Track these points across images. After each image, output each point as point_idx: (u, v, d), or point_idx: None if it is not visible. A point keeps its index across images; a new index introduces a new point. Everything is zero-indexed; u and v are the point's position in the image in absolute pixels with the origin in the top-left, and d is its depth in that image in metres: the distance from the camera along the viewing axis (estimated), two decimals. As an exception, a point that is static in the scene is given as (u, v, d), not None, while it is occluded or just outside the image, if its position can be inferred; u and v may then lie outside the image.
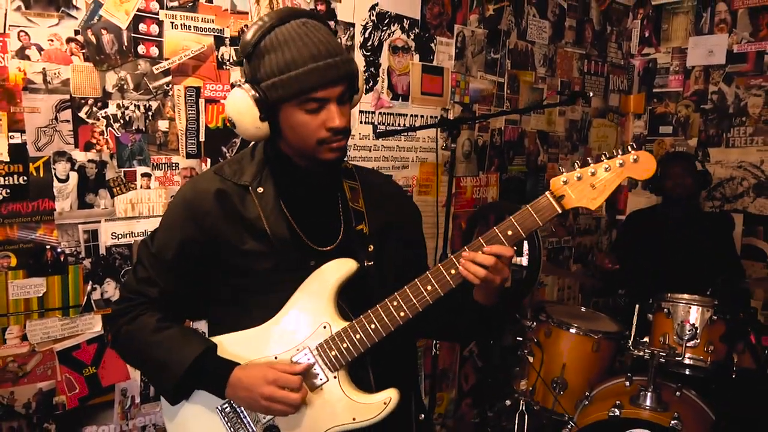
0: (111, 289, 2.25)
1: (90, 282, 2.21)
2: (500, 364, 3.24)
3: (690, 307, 2.56)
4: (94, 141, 2.17)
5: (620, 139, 4.19)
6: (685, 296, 2.60)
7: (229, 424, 1.39)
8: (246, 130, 1.32)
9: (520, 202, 3.57)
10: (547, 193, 1.27)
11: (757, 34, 3.60)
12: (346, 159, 1.51)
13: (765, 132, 3.60)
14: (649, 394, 2.40)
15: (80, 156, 2.14)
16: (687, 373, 2.60)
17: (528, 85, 3.53)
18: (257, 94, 1.28)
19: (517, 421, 2.80)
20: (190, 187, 1.45)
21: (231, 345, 1.38)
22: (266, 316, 1.37)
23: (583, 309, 3.24)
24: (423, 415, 1.53)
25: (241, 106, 1.29)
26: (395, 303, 1.31)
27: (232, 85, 2.42)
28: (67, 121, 2.10)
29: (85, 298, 2.21)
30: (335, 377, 1.34)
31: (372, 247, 1.42)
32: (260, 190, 1.38)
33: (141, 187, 2.28)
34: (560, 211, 1.26)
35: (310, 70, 1.25)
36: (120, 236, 2.26)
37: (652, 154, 1.28)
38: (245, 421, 1.38)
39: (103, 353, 2.27)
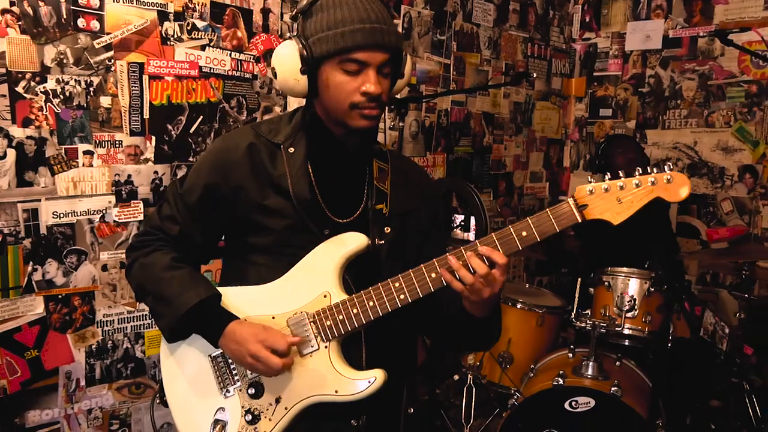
0: (53, 270, 2.20)
1: (30, 263, 2.15)
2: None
3: (629, 280, 2.68)
4: (33, 117, 2.10)
5: (562, 121, 4.31)
6: (624, 269, 2.72)
7: (217, 372, 1.41)
8: (285, 81, 1.35)
9: (467, 182, 3.60)
10: (569, 199, 1.24)
11: (691, 20, 3.76)
12: (382, 143, 1.53)
13: (698, 114, 3.77)
14: (591, 363, 2.50)
15: (18, 132, 2.07)
16: (627, 343, 2.72)
17: (474, 67, 3.58)
18: (302, 48, 1.31)
19: (465, 395, 2.88)
20: (224, 137, 1.49)
21: (234, 297, 1.40)
22: (273, 276, 1.39)
23: (527, 286, 3.34)
24: (412, 409, 1.53)
25: (284, 57, 1.33)
26: (397, 284, 1.31)
27: (204, 71, 2.38)
28: (4, 95, 2.03)
29: (26, 279, 2.15)
30: (326, 347, 1.35)
31: (389, 228, 1.43)
32: (291, 150, 1.41)
33: (83, 165, 2.22)
34: (580, 221, 1.23)
35: (355, 30, 1.28)
36: (61, 215, 2.19)
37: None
38: (233, 374, 1.40)
39: (45, 336, 2.21)
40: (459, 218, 1.63)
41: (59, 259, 2.21)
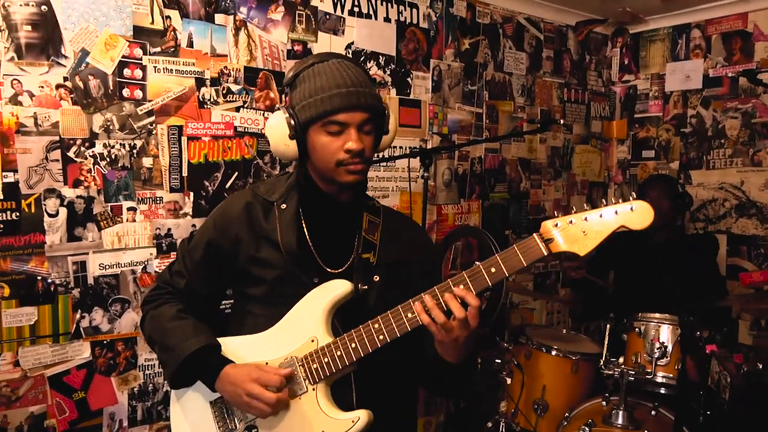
0: (99, 317, 2.39)
1: (79, 310, 2.35)
2: (485, 387, 3.29)
3: (660, 326, 2.62)
4: (82, 178, 2.32)
5: (605, 164, 4.28)
6: (656, 315, 2.66)
7: (217, 417, 1.52)
8: (277, 147, 1.48)
9: (502, 228, 3.66)
10: (535, 234, 1.29)
11: (731, 58, 3.70)
12: (376, 198, 1.66)
13: (744, 153, 3.67)
14: (620, 412, 2.45)
15: (69, 192, 2.30)
16: (663, 391, 2.64)
17: (507, 115, 3.65)
18: (289, 116, 1.44)
19: (497, 443, 2.85)
20: (226, 200, 1.66)
21: (231, 346, 1.52)
22: (268, 324, 1.50)
23: (564, 331, 3.30)
24: None
25: (274, 126, 1.47)
26: (376, 326, 1.38)
27: (238, 131, 2.58)
28: (57, 160, 2.27)
29: (74, 325, 2.34)
30: (314, 389, 1.43)
31: (377, 277, 1.51)
32: (283, 206, 1.54)
33: (127, 221, 2.42)
34: (545, 254, 1.27)
35: (333, 95, 1.41)
36: (107, 267, 2.39)
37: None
38: (231, 418, 1.50)
39: (91, 378, 2.39)
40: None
41: (105, 307, 2.40)
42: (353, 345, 1.40)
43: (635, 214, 1.24)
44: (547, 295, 3.95)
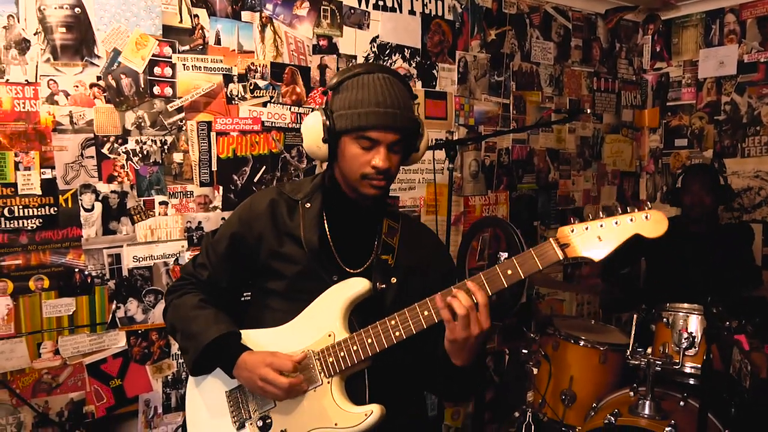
0: (133, 308, 2.48)
1: (114, 301, 2.44)
2: (514, 377, 3.30)
3: (689, 316, 2.58)
4: (116, 174, 2.41)
5: (636, 153, 4.21)
6: (685, 305, 2.62)
7: (232, 407, 1.58)
8: (310, 146, 1.54)
9: (530, 219, 3.66)
10: (551, 239, 1.33)
11: (767, 43, 3.60)
12: (395, 204, 1.69)
13: (780, 141, 3.58)
14: (647, 402, 2.43)
15: (104, 188, 2.39)
16: (692, 382, 2.61)
17: (535, 105, 3.63)
18: (326, 120, 1.49)
19: (524, 432, 2.86)
20: (252, 196, 1.71)
21: (251, 338, 1.57)
22: (287, 319, 1.55)
23: (593, 322, 3.28)
24: None
25: (310, 127, 1.52)
26: (393, 322, 1.43)
27: (266, 125, 2.64)
28: (92, 157, 2.36)
29: (111, 316, 2.43)
30: (329, 383, 1.47)
31: (395, 279, 1.56)
32: (308, 205, 1.60)
33: (159, 214, 2.50)
34: (561, 258, 1.31)
35: (370, 112, 1.45)
36: (141, 259, 2.48)
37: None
38: (246, 408, 1.56)
39: (127, 366, 2.48)
40: (503, 256, 1.73)
41: (139, 298, 2.49)
42: (369, 341, 1.44)
43: (650, 223, 1.27)
44: (575, 285, 3.92)
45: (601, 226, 1.29)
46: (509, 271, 1.35)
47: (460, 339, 1.37)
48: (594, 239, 1.30)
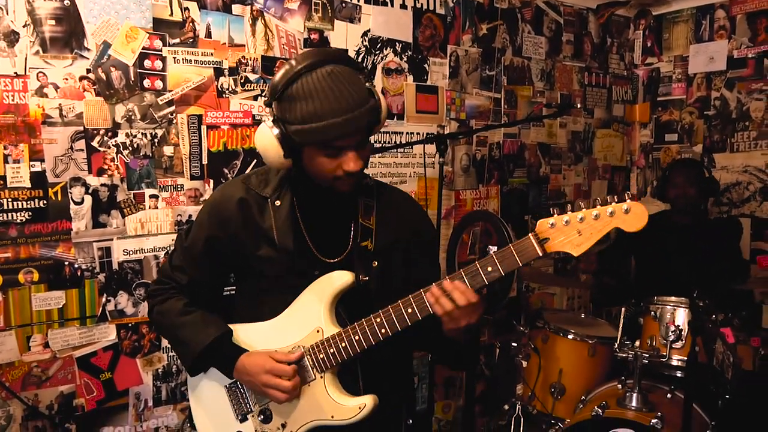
0: (123, 301, 2.48)
1: (104, 294, 2.44)
2: (504, 370, 3.32)
3: (676, 310, 2.61)
4: (106, 167, 2.40)
5: (627, 148, 4.23)
6: (672, 299, 2.65)
7: (233, 400, 1.60)
8: (272, 162, 1.45)
9: (522, 213, 3.67)
10: (531, 234, 1.31)
11: (756, 38, 3.62)
12: (368, 175, 1.65)
13: (769, 136, 3.61)
14: (634, 395, 2.46)
15: (94, 181, 2.38)
16: (678, 374, 2.63)
17: (526, 100, 3.64)
18: (281, 134, 1.39)
19: (513, 426, 2.88)
20: (219, 192, 1.65)
21: (242, 333, 1.58)
22: (274, 313, 1.55)
23: (582, 316, 3.30)
24: (411, 420, 1.65)
25: (267, 144, 1.42)
26: (378, 320, 1.43)
27: (257, 119, 2.64)
28: (82, 150, 2.35)
29: (101, 309, 2.43)
30: (321, 377, 1.49)
31: (376, 263, 1.55)
32: (278, 203, 1.55)
33: (149, 208, 2.50)
34: (541, 254, 1.29)
35: (330, 124, 1.35)
36: (131, 252, 2.48)
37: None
38: (246, 401, 1.58)
39: (117, 359, 2.48)
40: (492, 249, 1.74)
41: (129, 291, 2.49)
42: (357, 337, 1.45)
43: (630, 216, 1.23)
44: (565, 279, 3.94)
45: (581, 219, 1.27)
46: (489, 268, 1.35)
47: (455, 328, 1.40)
48: (573, 233, 1.27)
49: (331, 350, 1.47)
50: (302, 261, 1.53)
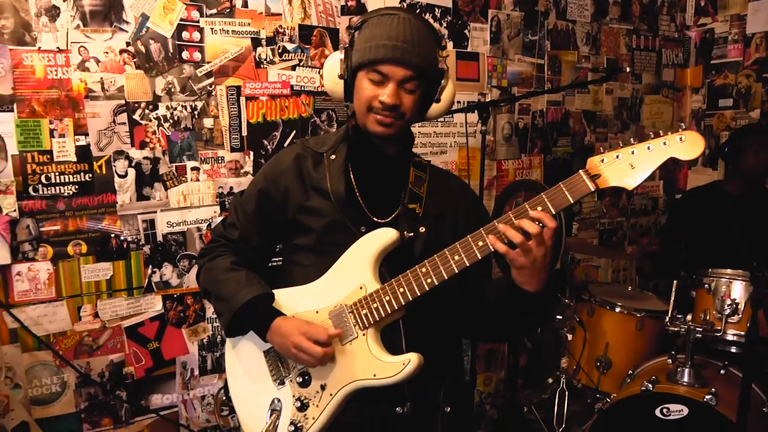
0: (168, 272, 2.51)
1: (150, 266, 2.48)
2: (548, 343, 3.27)
3: (732, 282, 2.50)
4: (148, 140, 2.42)
5: (677, 114, 4.06)
6: (728, 271, 2.54)
7: (270, 366, 1.58)
8: (327, 83, 1.57)
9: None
10: (581, 171, 1.28)
11: (822, -6, 3.40)
12: (422, 155, 1.68)
13: (834, 99, 3.40)
14: (686, 370, 2.37)
15: (136, 154, 2.41)
16: (733, 350, 2.54)
17: (570, 65, 3.51)
18: (344, 56, 1.50)
19: (557, 399, 2.84)
20: (278, 153, 1.69)
21: (283, 297, 1.57)
22: (317, 274, 1.54)
23: (629, 288, 3.21)
24: (449, 408, 1.56)
25: (330, 65, 1.55)
26: (424, 270, 1.40)
27: (295, 89, 2.62)
28: (124, 123, 2.37)
29: (147, 280, 2.48)
30: (364, 335, 1.45)
31: (423, 228, 1.53)
32: (333, 157, 1.59)
33: (191, 180, 2.52)
34: (592, 190, 1.26)
35: (380, 45, 1.43)
36: (174, 225, 2.50)
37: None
38: (285, 366, 1.56)
39: (164, 330, 2.53)
40: None
41: (173, 262, 2.52)
42: (401, 289, 1.41)
43: (685, 145, 1.20)
44: (611, 251, 3.83)
45: (633, 152, 1.23)
46: (539, 208, 1.30)
47: (528, 264, 1.32)
48: (626, 167, 1.24)
49: (375, 305, 1.44)
50: (351, 213, 1.52)
